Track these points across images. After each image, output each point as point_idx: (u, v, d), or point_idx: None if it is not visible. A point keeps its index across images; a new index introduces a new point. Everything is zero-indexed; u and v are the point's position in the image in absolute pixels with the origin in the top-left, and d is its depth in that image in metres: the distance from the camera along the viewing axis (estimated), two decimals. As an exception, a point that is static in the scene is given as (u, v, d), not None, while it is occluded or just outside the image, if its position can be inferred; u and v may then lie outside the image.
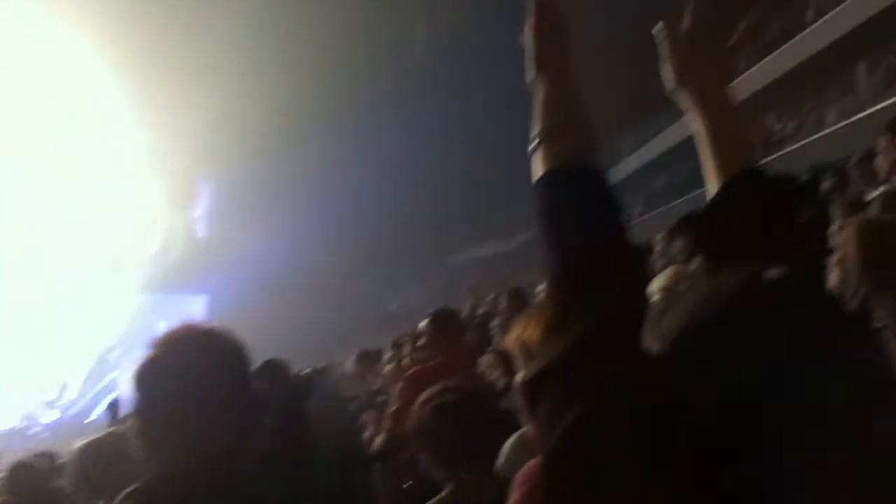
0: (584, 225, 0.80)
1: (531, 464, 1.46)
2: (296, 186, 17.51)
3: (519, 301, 5.25)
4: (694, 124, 1.07)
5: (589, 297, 0.74)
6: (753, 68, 22.83)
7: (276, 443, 3.19)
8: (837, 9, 17.85)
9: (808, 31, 20.65)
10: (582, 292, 0.75)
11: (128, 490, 1.39)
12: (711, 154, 1.04)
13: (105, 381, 18.97)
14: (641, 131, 30.81)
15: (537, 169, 0.90)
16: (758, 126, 23.32)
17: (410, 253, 19.73)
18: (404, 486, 3.03)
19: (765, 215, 0.87)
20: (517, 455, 2.09)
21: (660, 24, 1.09)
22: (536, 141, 0.92)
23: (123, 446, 4.00)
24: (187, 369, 1.36)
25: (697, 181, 1.07)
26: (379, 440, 3.88)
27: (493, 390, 2.94)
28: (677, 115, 1.14)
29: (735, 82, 1.07)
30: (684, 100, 1.08)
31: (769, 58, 22.47)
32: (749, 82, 22.71)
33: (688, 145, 1.08)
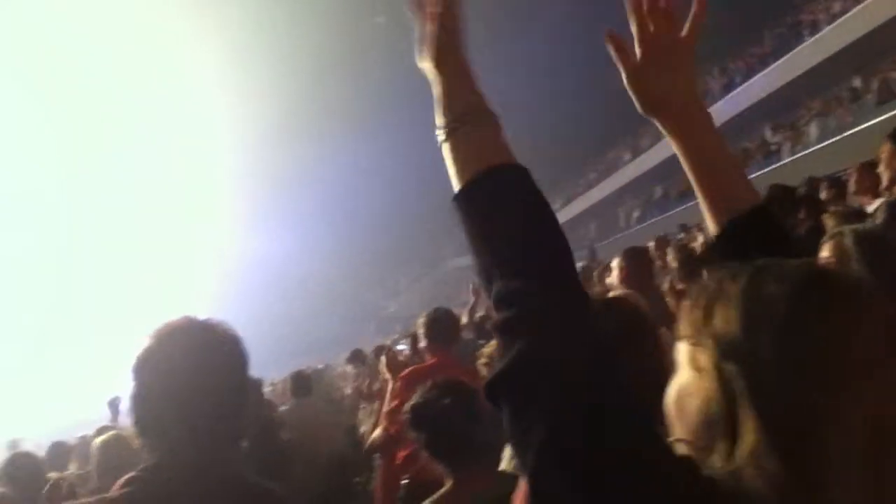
0: (523, 228, 0.78)
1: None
2: (298, 191, 17.61)
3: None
4: (673, 146, 1.07)
5: (536, 304, 0.73)
6: (750, 81, 23.03)
7: (254, 448, 3.25)
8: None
9: (803, 45, 20.88)
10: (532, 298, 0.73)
11: (126, 477, 1.41)
12: (696, 178, 1.04)
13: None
14: (638, 142, 30.98)
15: (455, 162, 0.85)
16: (755, 137, 23.49)
17: (408, 257, 19.85)
18: (402, 481, 3.04)
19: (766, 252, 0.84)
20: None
21: (609, 47, 1.05)
22: (448, 130, 0.87)
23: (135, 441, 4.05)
24: (184, 360, 1.38)
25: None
26: (375, 437, 3.90)
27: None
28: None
29: (728, 96, 1.04)
30: (658, 124, 1.07)
31: (766, 70, 22.66)
32: (745, 95, 22.92)
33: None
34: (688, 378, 0.72)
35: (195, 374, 1.37)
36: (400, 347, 6.44)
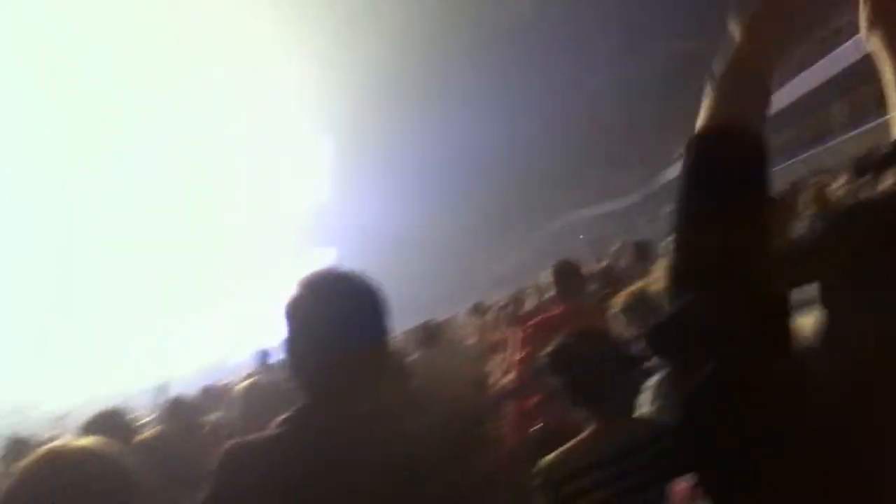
0: (726, 191, 0.79)
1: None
2: (416, 146, 17.79)
3: (642, 253, 5.30)
4: (880, 67, 0.99)
5: (717, 258, 0.74)
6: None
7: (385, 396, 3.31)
8: None
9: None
10: (712, 252, 0.75)
11: (281, 417, 1.49)
12: None
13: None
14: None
15: (704, 107, 0.86)
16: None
17: (524, 210, 19.65)
18: (531, 430, 3.06)
19: None
20: (656, 398, 2.06)
21: None
22: (715, 78, 0.88)
23: (279, 387, 4.33)
24: (329, 306, 1.44)
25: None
26: (504, 384, 3.94)
27: (622, 337, 2.91)
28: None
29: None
30: (874, 43, 1.00)
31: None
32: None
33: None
34: None
35: (340, 320, 1.43)
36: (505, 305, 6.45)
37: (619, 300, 2.91)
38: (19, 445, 4.20)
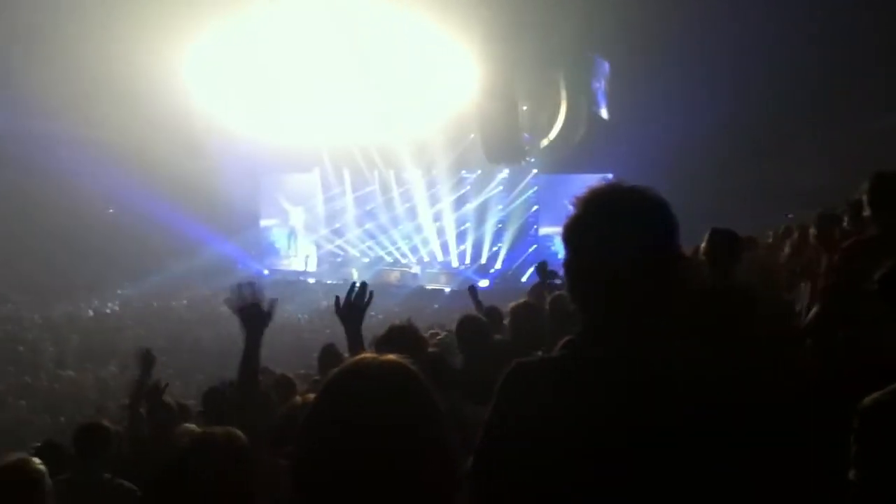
0: None
1: None
2: (696, 64, 16.29)
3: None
4: None
5: None
6: None
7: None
8: None
9: None
10: None
11: (564, 340, 1.49)
12: None
13: (530, 249, 20.99)
14: None
15: None
16: None
17: (817, 125, 16.98)
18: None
19: None
20: None
21: None
22: None
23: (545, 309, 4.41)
24: (610, 226, 1.36)
25: None
26: (811, 316, 3.51)
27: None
28: None
29: None
30: None
31: None
32: None
33: None
34: None
35: (621, 240, 1.34)
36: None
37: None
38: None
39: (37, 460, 2.63)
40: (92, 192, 23.12)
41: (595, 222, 1.36)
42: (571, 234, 1.40)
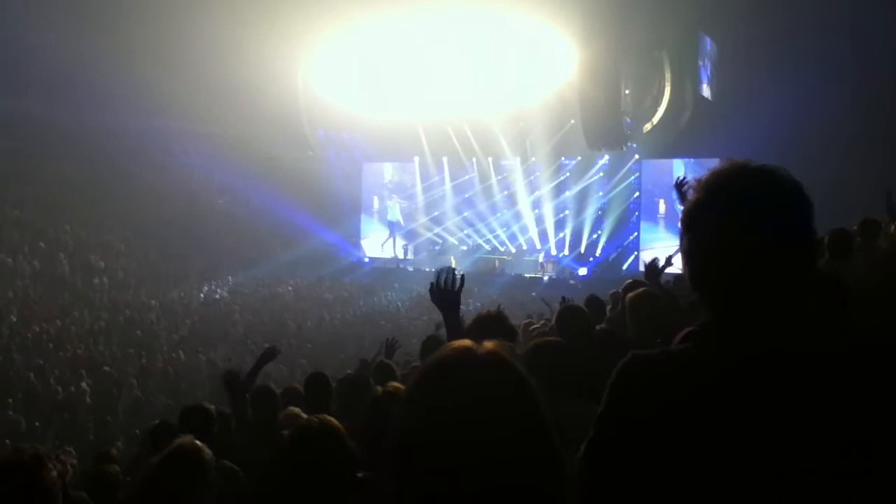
0: None
1: None
2: (807, 41, 15.19)
3: None
4: None
5: None
6: None
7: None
8: None
9: None
10: None
11: (685, 331, 1.37)
12: None
13: (631, 237, 20.54)
14: None
15: None
16: None
17: None
18: None
19: None
20: None
21: None
22: None
23: (667, 299, 4.25)
24: (735, 211, 1.24)
25: None
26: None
27: None
28: None
29: None
30: None
31: None
32: None
33: None
34: None
35: (747, 225, 1.22)
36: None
37: None
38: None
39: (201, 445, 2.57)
40: (206, 184, 24.46)
41: (727, 206, 1.23)
42: (697, 220, 1.28)
